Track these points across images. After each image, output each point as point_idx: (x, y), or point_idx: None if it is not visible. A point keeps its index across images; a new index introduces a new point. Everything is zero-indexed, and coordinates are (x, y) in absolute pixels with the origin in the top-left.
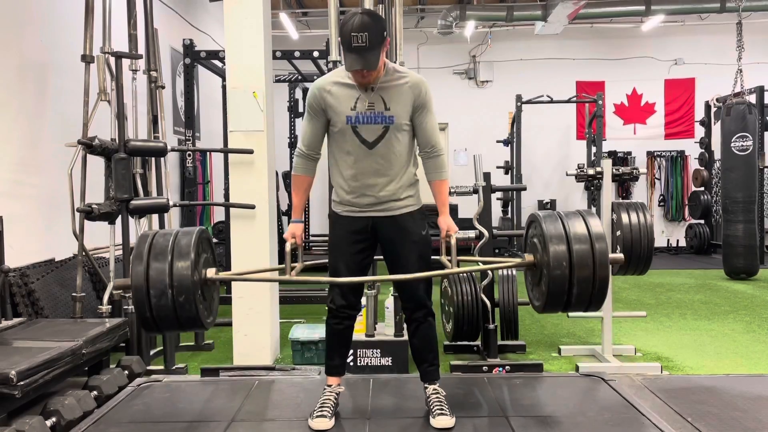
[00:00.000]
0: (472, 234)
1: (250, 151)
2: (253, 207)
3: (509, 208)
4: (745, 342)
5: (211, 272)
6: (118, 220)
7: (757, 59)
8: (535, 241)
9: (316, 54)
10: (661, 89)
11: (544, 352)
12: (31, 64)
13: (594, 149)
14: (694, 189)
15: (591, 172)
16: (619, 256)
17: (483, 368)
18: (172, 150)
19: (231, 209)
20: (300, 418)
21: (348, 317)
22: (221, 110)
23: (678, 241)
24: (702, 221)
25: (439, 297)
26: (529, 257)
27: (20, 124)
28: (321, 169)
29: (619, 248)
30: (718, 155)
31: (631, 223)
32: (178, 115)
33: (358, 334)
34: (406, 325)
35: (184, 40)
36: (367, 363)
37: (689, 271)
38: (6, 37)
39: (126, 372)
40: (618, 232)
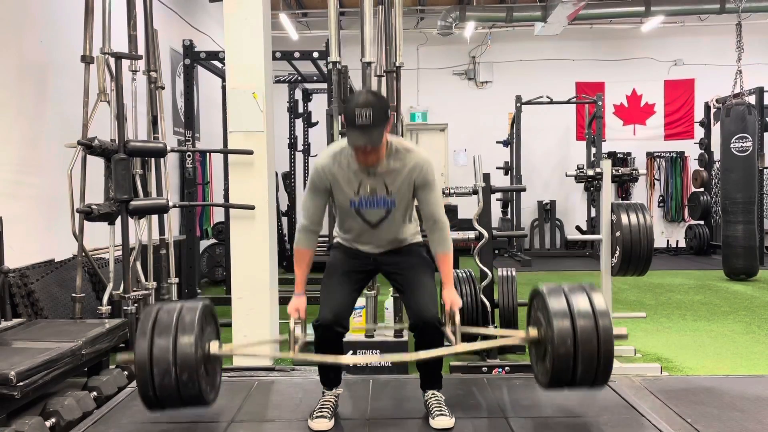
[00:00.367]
0: (471, 235)
1: (250, 152)
2: (252, 208)
3: (509, 209)
4: (745, 343)
5: (214, 347)
6: (118, 221)
7: (756, 60)
8: (539, 315)
9: (316, 55)
10: (661, 90)
11: None
12: (31, 65)
13: (594, 150)
14: (693, 190)
15: (591, 172)
16: (623, 331)
17: (482, 369)
18: (172, 151)
19: (231, 210)
20: (300, 419)
21: (337, 334)
22: (221, 111)
23: (678, 241)
24: (701, 222)
25: (439, 298)
26: (534, 332)
27: (20, 125)
28: None
29: (618, 249)
30: (717, 156)
31: (631, 224)
32: (178, 115)
33: (358, 334)
34: (415, 339)
35: (183, 40)
36: (367, 364)
37: (689, 272)
38: (6, 37)
39: (125, 372)
40: (617, 233)
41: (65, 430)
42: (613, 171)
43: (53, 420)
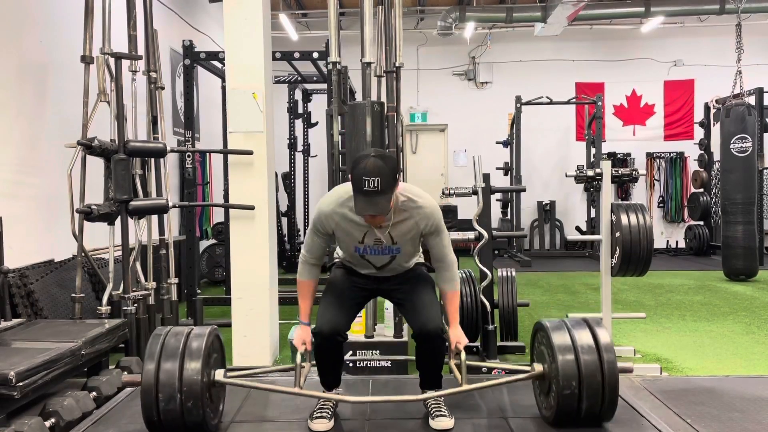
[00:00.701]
0: (471, 235)
1: (250, 152)
2: (252, 208)
3: (509, 209)
4: (745, 343)
5: (219, 374)
6: (118, 221)
7: (756, 61)
8: (543, 350)
9: (316, 55)
10: (661, 90)
11: None
12: (31, 65)
13: (593, 150)
14: (693, 190)
15: (590, 173)
16: (629, 366)
17: (482, 369)
18: (172, 151)
19: (230, 210)
20: (299, 419)
21: (335, 342)
22: (221, 111)
23: (677, 242)
24: (701, 222)
25: (438, 299)
26: (538, 367)
27: (20, 125)
28: (321, 170)
29: (618, 250)
30: (717, 157)
31: (631, 225)
32: (178, 116)
33: (358, 335)
34: (418, 347)
35: (183, 41)
36: (367, 364)
37: (688, 273)
38: (6, 37)
39: (125, 373)
40: (617, 234)
41: (65, 431)
42: (613, 171)
43: (53, 420)
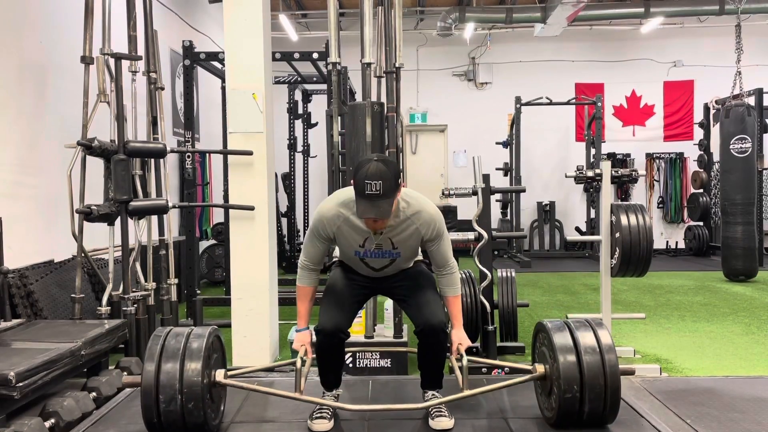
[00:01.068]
0: (471, 236)
1: (250, 153)
2: (252, 208)
3: (508, 210)
4: (744, 344)
5: (220, 375)
6: (118, 222)
7: (755, 61)
8: (544, 350)
9: (316, 56)
10: (660, 91)
11: None
12: (31, 66)
13: (593, 151)
14: (693, 191)
15: (590, 173)
16: (631, 368)
17: (482, 369)
18: (172, 151)
19: (230, 211)
20: (299, 420)
21: (338, 340)
22: (221, 112)
23: (677, 242)
24: (701, 223)
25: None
26: (540, 368)
27: (20, 125)
28: (321, 170)
29: (617, 250)
30: (717, 157)
31: (630, 225)
32: (178, 116)
33: (357, 335)
34: (420, 342)
35: (183, 41)
36: (366, 364)
37: (688, 273)
38: (5, 38)
39: (125, 373)
40: (617, 234)
41: (64, 431)
42: (613, 172)
43: (53, 421)
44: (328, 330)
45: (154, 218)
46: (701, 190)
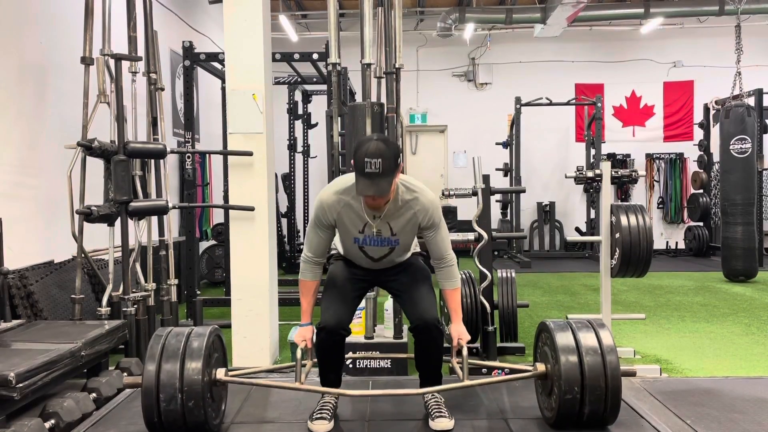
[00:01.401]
0: (471, 236)
1: (250, 153)
2: (252, 209)
3: (508, 210)
4: (744, 344)
5: (220, 373)
6: (118, 222)
7: (755, 62)
8: (546, 350)
9: (316, 56)
10: (660, 92)
11: None
12: (31, 66)
13: (593, 151)
14: (693, 191)
15: (590, 174)
16: (632, 369)
17: (482, 370)
18: (172, 152)
19: (230, 211)
20: (299, 421)
21: (340, 337)
22: (221, 112)
23: (677, 243)
24: (701, 223)
25: (438, 299)
26: (541, 367)
27: (20, 126)
28: (321, 171)
29: (617, 251)
30: (717, 158)
31: (630, 226)
32: (178, 117)
33: (357, 336)
34: (415, 340)
35: (183, 42)
36: (367, 365)
37: (688, 274)
38: (6, 38)
39: (125, 374)
40: (617, 235)
41: None
42: (613, 172)
43: (53, 421)
44: (331, 327)
45: (154, 219)
46: (701, 191)
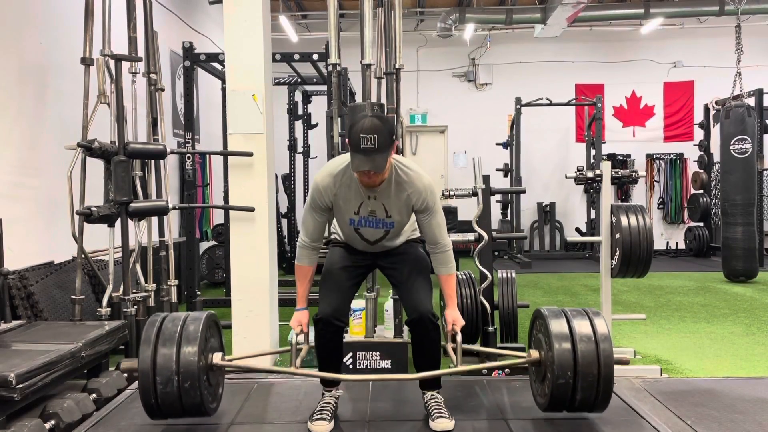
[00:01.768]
0: (471, 237)
1: (250, 154)
2: (252, 210)
3: (509, 211)
4: (745, 344)
5: (217, 357)
6: (118, 223)
7: (755, 62)
8: (540, 337)
9: (316, 57)
10: (660, 92)
11: None
12: (31, 67)
13: (593, 152)
14: (693, 191)
15: (590, 174)
16: (625, 357)
17: (482, 371)
18: (172, 152)
19: (230, 212)
20: (299, 421)
21: (336, 329)
22: (221, 113)
23: (677, 243)
24: (701, 224)
25: (438, 300)
26: (534, 353)
27: (20, 127)
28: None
29: (618, 251)
30: (717, 158)
31: (630, 226)
32: (178, 117)
33: (358, 336)
34: (411, 334)
35: (183, 42)
36: (367, 365)
37: (688, 274)
38: (6, 39)
39: (125, 375)
40: (617, 235)
41: None
42: (613, 173)
43: (53, 422)
44: (328, 317)
45: (154, 219)
46: (701, 191)
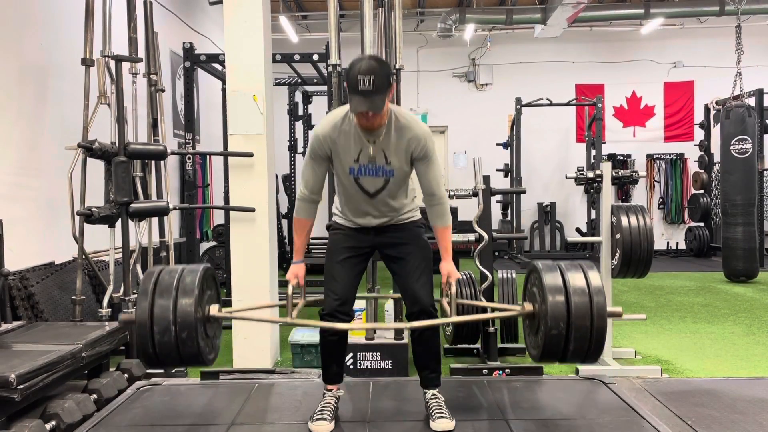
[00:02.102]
0: (471, 237)
1: (250, 154)
2: (252, 210)
3: (509, 211)
4: (745, 345)
5: (214, 309)
6: (118, 224)
7: (756, 62)
8: (534, 290)
9: (316, 57)
10: (661, 92)
11: None
12: (31, 67)
13: (593, 152)
14: (693, 192)
15: (590, 175)
16: (618, 309)
17: (483, 371)
18: (172, 153)
19: (231, 212)
20: (300, 422)
21: (342, 321)
22: (221, 113)
23: (677, 243)
24: (701, 224)
25: (439, 300)
26: (528, 306)
27: (20, 127)
28: None
29: (618, 251)
30: (717, 158)
31: (631, 226)
32: (178, 118)
33: (358, 336)
34: (410, 331)
35: (184, 43)
36: (367, 366)
37: (689, 274)
38: (6, 40)
39: (126, 375)
40: (617, 235)
41: None
42: (613, 173)
43: (53, 423)
44: (332, 311)
45: (155, 220)
46: (702, 191)
